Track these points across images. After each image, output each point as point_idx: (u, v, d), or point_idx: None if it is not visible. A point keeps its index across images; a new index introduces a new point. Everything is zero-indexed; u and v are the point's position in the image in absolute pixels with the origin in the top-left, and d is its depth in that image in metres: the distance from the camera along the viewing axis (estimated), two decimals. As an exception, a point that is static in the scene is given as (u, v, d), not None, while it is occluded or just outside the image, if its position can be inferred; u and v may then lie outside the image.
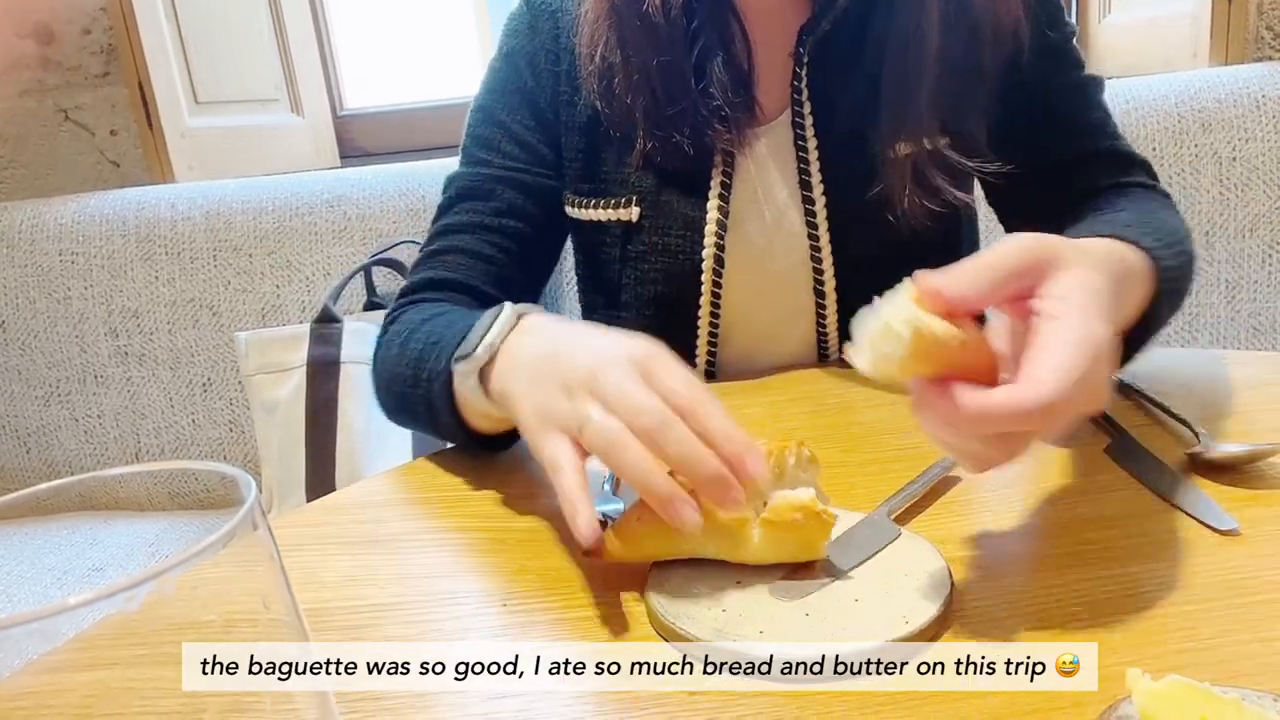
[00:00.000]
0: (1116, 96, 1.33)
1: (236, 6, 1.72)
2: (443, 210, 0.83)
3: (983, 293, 0.43)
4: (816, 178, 0.77)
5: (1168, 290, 0.57)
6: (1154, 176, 0.80)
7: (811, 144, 0.77)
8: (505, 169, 0.81)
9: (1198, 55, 1.46)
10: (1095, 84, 0.81)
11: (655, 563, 0.49)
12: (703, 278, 0.79)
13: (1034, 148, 0.78)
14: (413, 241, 1.41)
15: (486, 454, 0.67)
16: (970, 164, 0.75)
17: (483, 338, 0.59)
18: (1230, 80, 1.32)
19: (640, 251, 0.80)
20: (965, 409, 0.41)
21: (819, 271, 0.79)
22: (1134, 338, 0.58)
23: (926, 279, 0.42)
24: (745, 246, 0.79)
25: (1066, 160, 0.79)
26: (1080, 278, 0.44)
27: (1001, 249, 0.44)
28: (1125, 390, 0.68)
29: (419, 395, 0.67)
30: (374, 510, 0.63)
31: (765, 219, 0.79)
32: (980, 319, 0.46)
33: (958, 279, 0.42)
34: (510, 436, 0.65)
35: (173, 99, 1.59)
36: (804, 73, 0.76)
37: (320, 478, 1.30)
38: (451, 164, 1.47)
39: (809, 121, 0.77)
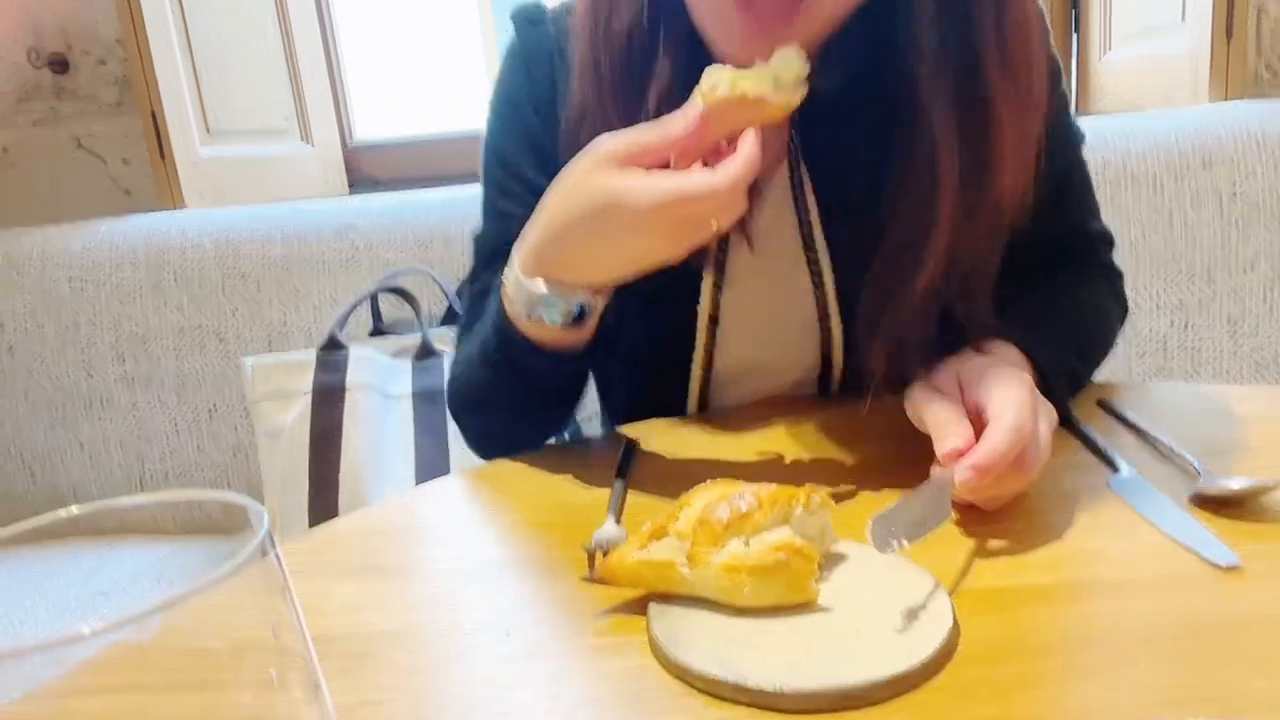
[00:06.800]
0: (1117, 133, 1.34)
1: (248, 38, 1.74)
2: (474, 277, 0.83)
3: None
4: (819, 233, 0.76)
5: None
6: (1111, 249, 0.86)
7: (810, 199, 0.76)
8: (526, 218, 0.82)
9: (1197, 92, 1.48)
10: (1078, 163, 0.82)
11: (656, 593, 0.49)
12: (697, 330, 0.79)
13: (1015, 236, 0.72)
14: (419, 270, 1.42)
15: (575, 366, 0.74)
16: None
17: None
18: (1230, 117, 1.33)
19: (633, 301, 0.79)
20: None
21: (826, 325, 0.78)
22: None
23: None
24: (743, 301, 0.78)
25: (1038, 244, 0.74)
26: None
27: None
28: (1127, 425, 0.68)
29: (496, 366, 0.72)
30: (377, 538, 0.63)
31: (766, 273, 0.78)
32: None
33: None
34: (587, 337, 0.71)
35: (184, 129, 1.61)
36: (794, 133, 0.75)
37: (323, 504, 1.30)
38: (458, 193, 1.51)
39: (805, 176, 0.76)
